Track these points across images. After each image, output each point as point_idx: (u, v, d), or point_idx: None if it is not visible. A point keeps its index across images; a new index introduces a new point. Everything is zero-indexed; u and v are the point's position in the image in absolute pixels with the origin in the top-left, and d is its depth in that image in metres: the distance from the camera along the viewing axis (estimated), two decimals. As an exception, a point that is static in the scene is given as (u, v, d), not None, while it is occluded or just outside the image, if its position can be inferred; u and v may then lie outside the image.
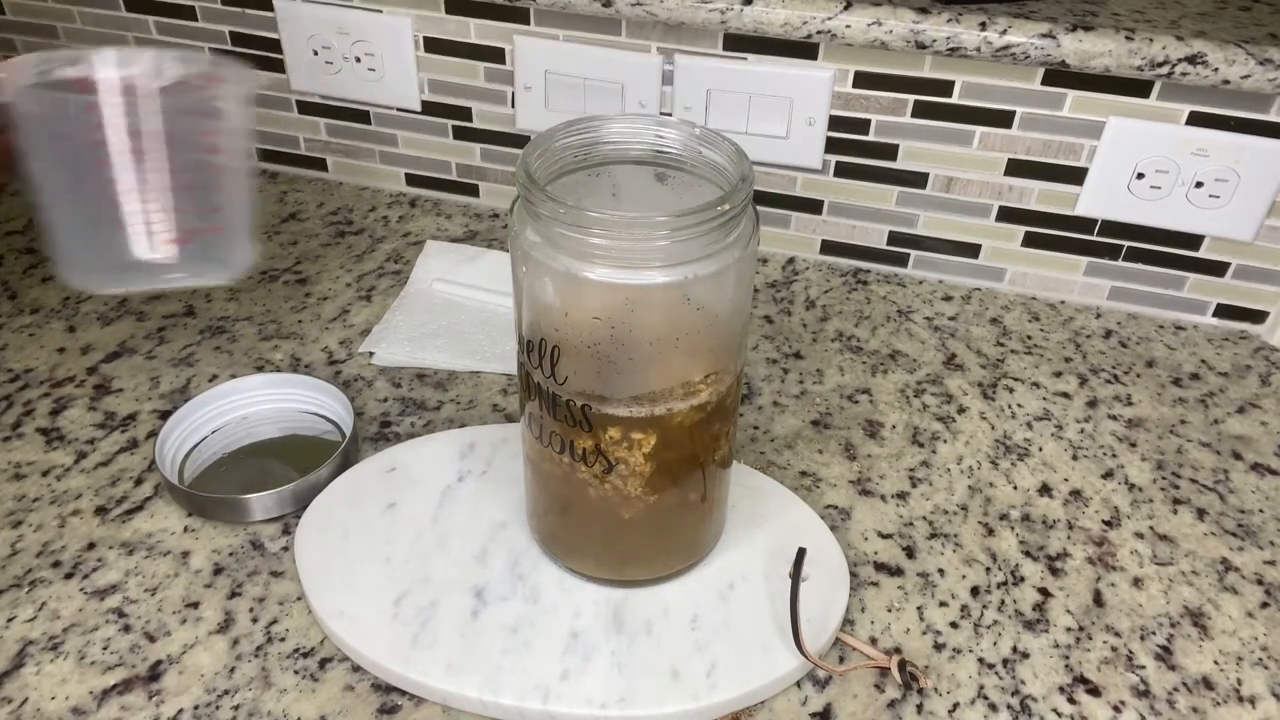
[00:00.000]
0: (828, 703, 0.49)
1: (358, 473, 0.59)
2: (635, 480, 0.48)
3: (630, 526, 0.50)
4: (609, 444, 0.47)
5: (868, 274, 0.82)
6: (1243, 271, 0.75)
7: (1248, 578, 0.57)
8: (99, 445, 0.62)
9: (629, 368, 0.45)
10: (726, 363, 0.47)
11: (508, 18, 0.79)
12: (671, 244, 0.41)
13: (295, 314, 0.75)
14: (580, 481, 0.49)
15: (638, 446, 0.47)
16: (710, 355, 0.46)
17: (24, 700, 0.48)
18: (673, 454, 0.48)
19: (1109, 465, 0.64)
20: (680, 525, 0.51)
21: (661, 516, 0.50)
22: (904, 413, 0.68)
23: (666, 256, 0.41)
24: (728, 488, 0.54)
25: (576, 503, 0.50)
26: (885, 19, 0.69)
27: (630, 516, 0.49)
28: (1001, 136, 0.74)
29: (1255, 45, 0.65)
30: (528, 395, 0.48)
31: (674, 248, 0.41)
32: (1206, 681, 0.51)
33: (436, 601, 0.52)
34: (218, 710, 0.48)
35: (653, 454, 0.47)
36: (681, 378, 0.46)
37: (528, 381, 0.48)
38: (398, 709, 0.48)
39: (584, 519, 0.51)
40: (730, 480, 0.54)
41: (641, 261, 0.42)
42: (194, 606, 0.53)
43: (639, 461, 0.47)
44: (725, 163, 0.45)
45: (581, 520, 0.51)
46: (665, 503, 0.49)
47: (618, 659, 0.49)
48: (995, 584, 0.56)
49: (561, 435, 0.47)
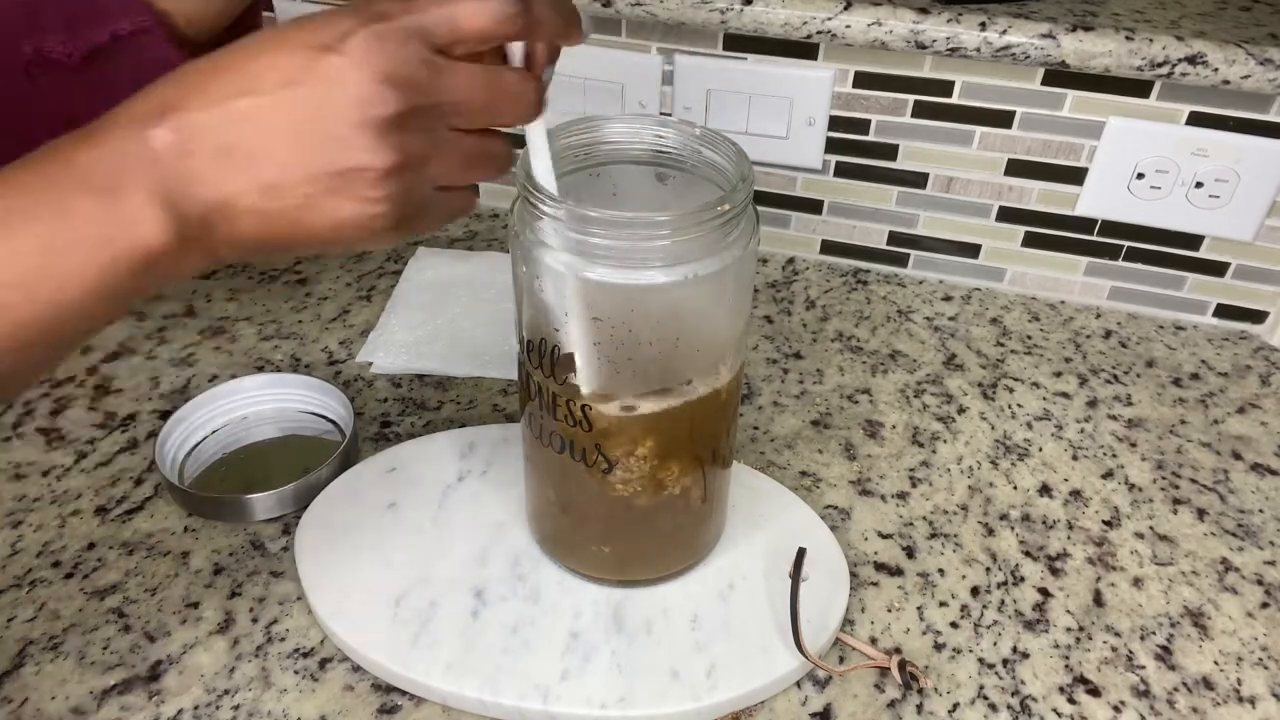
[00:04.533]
0: (828, 703, 0.49)
1: (358, 473, 0.59)
2: (635, 480, 0.48)
3: (630, 526, 0.50)
4: (609, 444, 0.47)
5: (868, 274, 0.82)
6: (1243, 271, 0.75)
7: (1248, 578, 0.57)
8: (99, 445, 0.62)
9: (628, 368, 0.45)
10: (726, 362, 0.47)
11: (508, 18, 0.79)
12: (672, 244, 0.41)
13: (295, 314, 0.75)
14: (580, 481, 0.49)
15: (638, 446, 0.47)
16: (710, 355, 0.46)
17: (24, 700, 0.48)
18: (673, 453, 0.48)
19: (1109, 465, 0.64)
20: (680, 525, 0.51)
21: (661, 516, 0.50)
22: (904, 413, 0.68)
23: (666, 257, 0.41)
24: (728, 487, 0.54)
25: (577, 502, 0.50)
26: (885, 19, 0.69)
27: (630, 516, 0.49)
28: (1001, 136, 0.74)
29: (1255, 45, 0.65)
30: (528, 395, 0.48)
31: (674, 248, 0.41)
32: (1206, 681, 0.51)
33: (436, 601, 0.52)
34: (218, 710, 0.48)
35: (652, 454, 0.47)
36: (681, 377, 0.46)
37: (528, 381, 0.48)
38: (398, 709, 0.48)
39: (584, 519, 0.51)
40: (730, 480, 0.54)
41: (641, 261, 0.42)
42: (194, 606, 0.53)
43: (639, 461, 0.47)
44: (725, 163, 0.45)
45: (581, 520, 0.51)
46: (665, 502, 0.49)
47: (618, 659, 0.49)
48: (995, 584, 0.56)
49: (561, 435, 0.47)
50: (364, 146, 0.34)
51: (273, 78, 0.34)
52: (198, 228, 0.36)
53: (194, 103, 0.35)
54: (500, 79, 0.38)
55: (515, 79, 0.38)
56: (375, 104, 0.34)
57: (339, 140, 0.34)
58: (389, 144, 0.35)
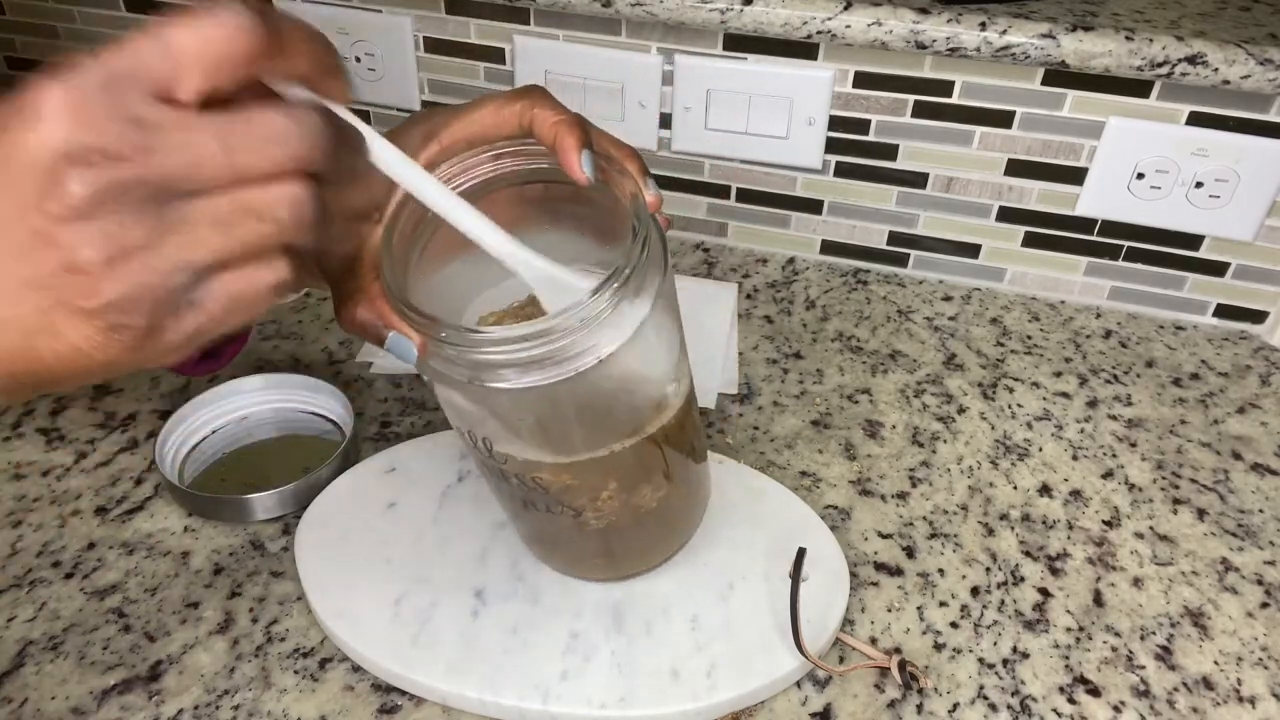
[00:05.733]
0: (828, 703, 0.49)
1: (358, 473, 0.59)
2: (607, 515, 0.47)
3: (614, 536, 0.50)
4: (570, 497, 0.45)
5: (868, 274, 0.82)
6: (1243, 271, 0.75)
7: (1248, 578, 0.57)
8: (99, 445, 0.62)
9: (565, 440, 0.43)
10: (670, 395, 0.45)
11: (508, 18, 0.79)
12: (568, 342, 0.37)
13: (295, 314, 0.75)
14: (554, 522, 0.48)
15: (601, 490, 0.46)
16: (650, 398, 0.44)
17: (24, 700, 0.48)
18: (638, 482, 0.47)
19: (1109, 465, 0.64)
20: (667, 520, 0.51)
21: (645, 523, 0.49)
22: (904, 413, 0.68)
23: (576, 344, 0.38)
24: (708, 466, 0.54)
25: (559, 536, 0.50)
26: (885, 19, 0.69)
27: (611, 531, 0.49)
28: (1001, 136, 0.74)
29: (1255, 45, 0.65)
30: (479, 468, 0.47)
31: (586, 335, 0.38)
32: (1206, 681, 0.51)
33: (436, 601, 0.52)
34: (218, 710, 0.48)
35: (616, 492, 0.46)
36: (626, 429, 0.44)
37: (472, 456, 0.46)
38: (398, 709, 0.48)
39: (568, 543, 0.51)
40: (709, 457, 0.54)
41: (543, 362, 0.38)
42: (194, 606, 0.53)
43: (607, 500, 0.46)
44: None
45: (566, 543, 0.51)
46: (645, 513, 0.49)
47: (617, 659, 0.49)
48: (995, 584, 0.56)
49: (523, 497, 0.46)
50: (60, 244, 0.27)
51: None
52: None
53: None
54: (249, 118, 0.29)
55: (271, 116, 0.29)
56: (57, 187, 0.27)
57: (28, 243, 0.27)
58: (85, 237, 0.27)
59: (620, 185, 0.41)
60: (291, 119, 0.30)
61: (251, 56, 0.29)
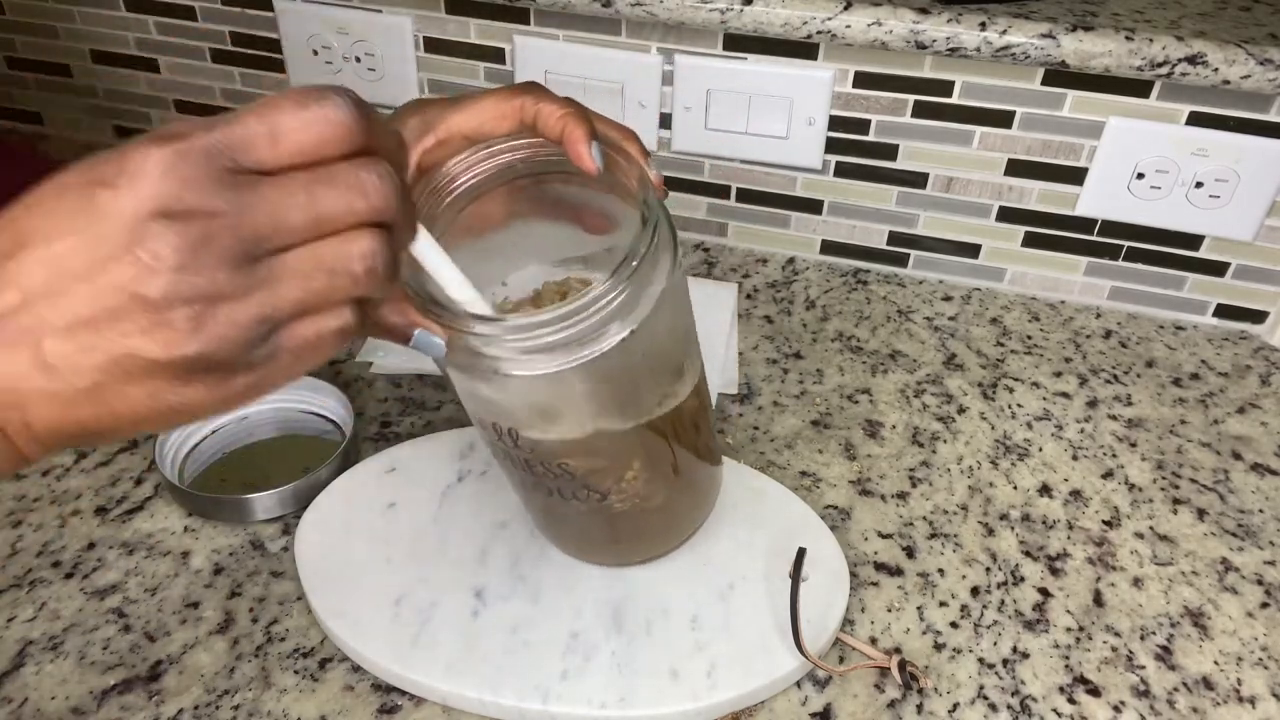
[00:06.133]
0: (828, 703, 0.49)
1: (358, 473, 0.59)
2: (630, 496, 0.48)
3: (636, 519, 0.50)
4: (597, 480, 0.46)
5: (868, 274, 0.82)
6: (1243, 271, 0.75)
7: (1248, 578, 0.57)
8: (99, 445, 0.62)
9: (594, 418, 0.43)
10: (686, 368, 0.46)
11: (508, 18, 0.79)
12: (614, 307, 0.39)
13: (295, 314, 0.75)
14: (574, 508, 0.48)
15: (624, 472, 0.46)
16: (670, 372, 0.45)
17: (24, 700, 0.48)
18: (662, 460, 0.47)
19: (1109, 465, 0.64)
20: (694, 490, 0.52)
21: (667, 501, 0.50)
22: (904, 413, 0.68)
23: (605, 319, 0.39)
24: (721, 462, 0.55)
25: (577, 521, 0.50)
26: (885, 19, 0.69)
27: (631, 515, 0.49)
28: (1001, 136, 0.74)
29: (1255, 45, 0.65)
30: (501, 461, 0.47)
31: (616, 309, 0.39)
32: (1206, 681, 0.51)
33: (436, 601, 0.52)
34: (218, 710, 0.48)
35: (640, 471, 0.47)
36: (652, 401, 0.44)
37: (495, 450, 0.47)
38: (398, 709, 0.48)
39: (586, 529, 0.51)
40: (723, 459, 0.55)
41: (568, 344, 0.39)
42: (194, 606, 0.53)
43: (629, 481, 0.47)
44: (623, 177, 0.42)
45: (584, 528, 0.51)
46: (668, 492, 0.49)
47: (618, 659, 0.49)
48: (995, 584, 0.56)
49: (548, 485, 0.47)
50: (147, 296, 0.28)
51: (43, 230, 0.28)
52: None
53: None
54: (332, 173, 0.30)
55: (352, 170, 0.30)
56: (149, 240, 0.27)
57: (114, 293, 0.28)
58: (173, 290, 0.28)
59: (625, 172, 0.42)
60: (372, 172, 0.31)
61: (346, 151, 0.30)
